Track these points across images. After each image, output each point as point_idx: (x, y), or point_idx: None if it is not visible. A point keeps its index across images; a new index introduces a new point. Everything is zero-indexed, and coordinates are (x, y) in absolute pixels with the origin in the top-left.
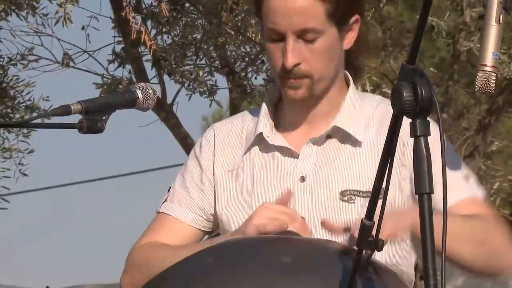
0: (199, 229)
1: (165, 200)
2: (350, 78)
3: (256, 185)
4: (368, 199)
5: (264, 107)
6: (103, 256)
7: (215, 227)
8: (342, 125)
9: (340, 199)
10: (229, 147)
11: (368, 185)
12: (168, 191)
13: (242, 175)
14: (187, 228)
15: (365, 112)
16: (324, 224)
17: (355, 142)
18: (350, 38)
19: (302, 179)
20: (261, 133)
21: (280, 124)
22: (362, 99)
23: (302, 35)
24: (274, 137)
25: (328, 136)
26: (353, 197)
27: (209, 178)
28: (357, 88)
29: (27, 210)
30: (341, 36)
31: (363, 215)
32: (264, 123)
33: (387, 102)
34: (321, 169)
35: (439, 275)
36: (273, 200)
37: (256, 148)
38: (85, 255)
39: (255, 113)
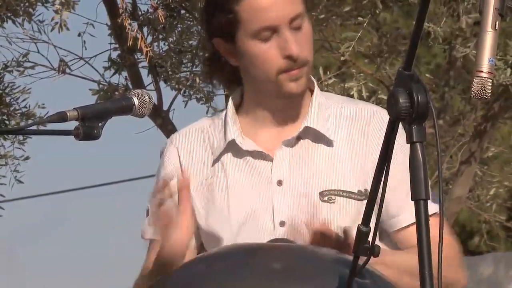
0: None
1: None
2: (314, 80)
3: (232, 191)
4: (350, 199)
5: (230, 112)
6: (97, 265)
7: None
8: (313, 125)
9: (320, 199)
10: (195, 159)
11: (348, 185)
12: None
13: (215, 183)
14: None
15: (332, 112)
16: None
17: (328, 142)
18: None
19: (279, 183)
20: (233, 140)
21: (246, 129)
22: (327, 99)
23: (292, 23)
24: (245, 142)
25: (299, 138)
26: (333, 197)
27: None
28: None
29: (22, 217)
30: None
31: (344, 213)
32: (234, 129)
33: (350, 100)
34: (297, 171)
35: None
36: (250, 206)
37: (227, 155)
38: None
39: (213, 119)
